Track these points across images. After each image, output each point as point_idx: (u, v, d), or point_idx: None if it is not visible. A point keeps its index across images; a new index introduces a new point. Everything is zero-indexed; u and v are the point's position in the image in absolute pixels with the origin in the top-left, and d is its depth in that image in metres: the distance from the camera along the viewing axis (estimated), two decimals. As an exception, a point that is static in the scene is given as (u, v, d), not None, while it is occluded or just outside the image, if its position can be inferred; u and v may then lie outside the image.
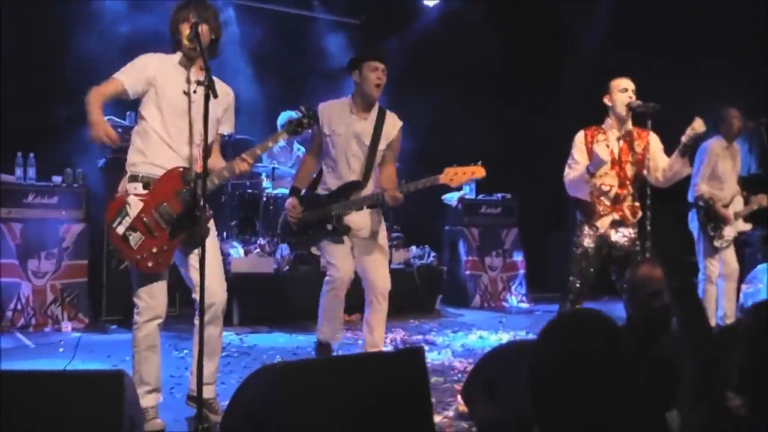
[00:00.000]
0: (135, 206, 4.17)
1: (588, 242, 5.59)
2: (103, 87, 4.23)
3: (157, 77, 4.27)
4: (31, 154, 7.43)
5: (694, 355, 2.18)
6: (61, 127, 7.78)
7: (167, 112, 4.27)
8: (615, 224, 5.61)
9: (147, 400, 4.28)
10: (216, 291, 4.32)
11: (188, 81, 4.31)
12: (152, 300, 4.29)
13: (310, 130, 5.04)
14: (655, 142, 5.70)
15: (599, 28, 11.19)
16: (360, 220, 5.44)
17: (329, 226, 5.36)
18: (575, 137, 5.73)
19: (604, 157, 5.39)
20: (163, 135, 4.27)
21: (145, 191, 4.22)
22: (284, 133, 4.56)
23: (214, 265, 4.31)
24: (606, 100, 5.69)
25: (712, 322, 7.24)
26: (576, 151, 5.67)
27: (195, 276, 4.18)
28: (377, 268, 5.46)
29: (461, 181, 5.19)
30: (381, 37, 10.34)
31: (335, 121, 5.43)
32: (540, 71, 11.11)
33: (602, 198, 5.60)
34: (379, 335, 5.53)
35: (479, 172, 5.17)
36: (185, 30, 4.24)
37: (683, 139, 5.44)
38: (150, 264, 4.19)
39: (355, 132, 5.41)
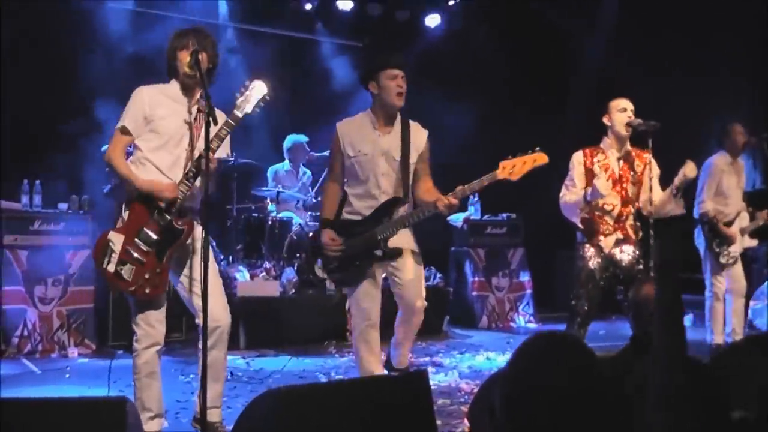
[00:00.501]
0: (117, 241, 4.23)
1: (593, 263, 5.57)
2: (118, 146, 4.36)
3: (154, 112, 4.32)
4: (37, 182, 7.46)
5: (668, 368, 2.15)
6: (67, 154, 7.83)
7: (164, 141, 4.32)
8: (619, 243, 5.60)
9: (150, 426, 4.30)
10: (219, 314, 4.34)
11: (188, 110, 4.37)
12: (150, 327, 4.33)
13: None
14: (654, 167, 5.69)
15: (602, 44, 11.22)
16: (403, 239, 4.97)
17: (378, 252, 4.86)
18: (573, 157, 5.73)
19: (604, 190, 5.37)
20: (158, 164, 4.33)
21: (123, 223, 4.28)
22: (239, 110, 4.34)
23: (214, 288, 4.33)
24: (605, 120, 5.67)
25: (720, 340, 7.22)
26: (575, 172, 5.66)
27: (197, 301, 4.23)
28: (417, 287, 4.99)
29: (522, 173, 4.67)
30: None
31: (358, 140, 4.97)
32: (544, 91, 11.12)
33: (605, 217, 5.59)
34: (406, 353, 5.27)
35: (541, 158, 4.70)
36: (184, 57, 4.29)
37: (675, 182, 5.46)
38: (147, 290, 4.24)
39: (383, 149, 4.95)
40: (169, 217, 4.25)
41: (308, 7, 10.98)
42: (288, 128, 9.72)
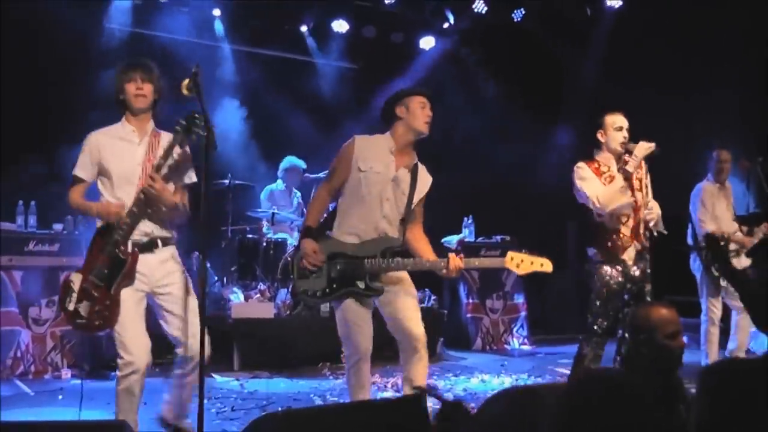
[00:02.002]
0: (77, 281, 4.43)
1: (614, 282, 5.37)
2: (76, 191, 4.60)
3: (105, 156, 4.54)
4: (33, 202, 7.45)
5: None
6: (63, 175, 7.82)
7: (118, 182, 4.52)
8: (638, 256, 5.46)
9: None
10: (195, 347, 4.40)
11: (135, 148, 4.56)
12: (129, 355, 4.40)
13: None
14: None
15: (595, 66, 11.29)
16: (391, 275, 4.81)
17: (360, 284, 4.67)
18: (581, 170, 5.48)
19: (628, 199, 5.35)
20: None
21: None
22: (177, 138, 4.39)
23: (193, 323, 4.50)
24: (600, 137, 5.53)
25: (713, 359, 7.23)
26: (593, 180, 5.41)
27: (174, 333, 4.52)
28: (412, 315, 4.77)
29: (526, 271, 4.83)
30: (379, 80, 10.38)
31: (373, 157, 4.81)
32: (537, 112, 11.16)
33: (621, 229, 5.45)
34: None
35: (547, 265, 4.86)
36: (131, 90, 4.50)
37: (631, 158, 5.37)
38: (97, 323, 4.41)
39: (395, 176, 4.82)
40: (116, 250, 4.39)
41: (304, 28, 11.05)
42: (281, 148, 9.74)
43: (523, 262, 4.79)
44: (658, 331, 3.33)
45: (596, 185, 5.41)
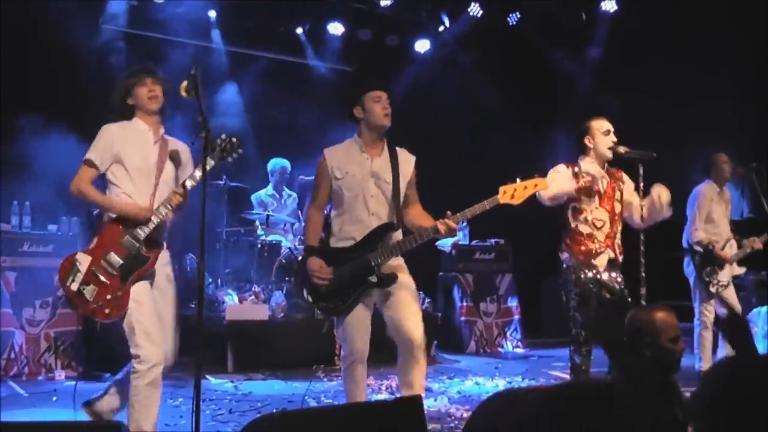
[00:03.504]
0: (84, 261, 4.37)
1: (588, 289, 5.33)
2: (85, 178, 4.52)
3: (121, 149, 4.53)
4: (27, 203, 7.44)
5: None
6: (57, 175, 7.81)
7: (134, 175, 4.53)
8: (611, 264, 5.45)
9: None
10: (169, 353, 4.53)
11: (153, 144, 4.62)
12: (155, 346, 4.35)
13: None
14: (628, 183, 5.59)
15: (591, 71, 11.30)
16: (395, 267, 4.79)
17: (372, 279, 4.67)
18: (558, 167, 5.42)
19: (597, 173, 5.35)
20: (133, 195, 4.52)
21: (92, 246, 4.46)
22: (210, 160, 4.42)
23: (169, 328, 4.56)
24: (588, 142, 5.49)
25: (708, 367, 7.26)
26: (562, 174, 5.34)
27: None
28: (413, 318, 4.69)
29: (524, 197, 4.60)
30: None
31: (346, 162, 4.86)
32: (532, 116, 11.18)
33: (596, 234, 5.44)
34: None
35: (542, 183, 4.66)
36: (143, 92, 4.57)
37: (657, 199, 5.40)
38: (107, 311, 4.34)
39: (372, 171, 4.83)
40: (137, 245, 4.40)
41: (299, 31, 11.06)
42: (276, 150, 9.74)
43: (516, 191, 4.61)
44: (662, 335, 3.39)
45: (560, 177, 5.33)
